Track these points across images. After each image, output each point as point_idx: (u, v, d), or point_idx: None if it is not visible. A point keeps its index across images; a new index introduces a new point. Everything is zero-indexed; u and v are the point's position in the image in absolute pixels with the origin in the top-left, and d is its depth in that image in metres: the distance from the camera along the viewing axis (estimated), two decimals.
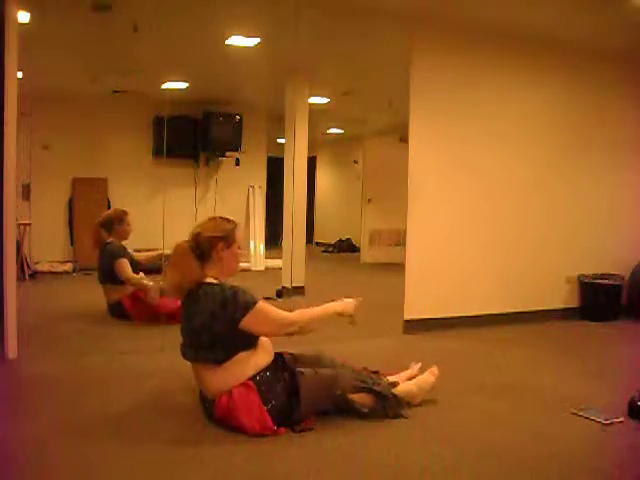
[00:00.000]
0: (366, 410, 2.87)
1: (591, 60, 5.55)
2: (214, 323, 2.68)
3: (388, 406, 2.91)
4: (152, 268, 5.34)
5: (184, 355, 2.86)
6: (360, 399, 2.87)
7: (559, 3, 4.44)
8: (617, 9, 4.47)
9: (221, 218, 2.94)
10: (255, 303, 2.71)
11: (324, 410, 2.85)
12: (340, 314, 2.92)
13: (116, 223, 5.19)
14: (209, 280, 2.80)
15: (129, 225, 5.27)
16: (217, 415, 2.75)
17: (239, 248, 2.92)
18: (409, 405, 3.03)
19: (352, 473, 2.40)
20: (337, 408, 2.86)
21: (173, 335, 4.50)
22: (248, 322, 2.69)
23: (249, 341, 2.78)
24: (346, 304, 2.93)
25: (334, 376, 2.88)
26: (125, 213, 5.28)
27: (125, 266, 4.98)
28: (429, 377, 3.16)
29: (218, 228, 2.86)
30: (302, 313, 2.87)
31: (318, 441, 2.67)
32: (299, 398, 2.73)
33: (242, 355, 2.74)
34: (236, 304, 2.68)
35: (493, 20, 4.83)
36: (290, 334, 2.84)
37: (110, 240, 5.15)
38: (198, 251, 2.81)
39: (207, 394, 2.80)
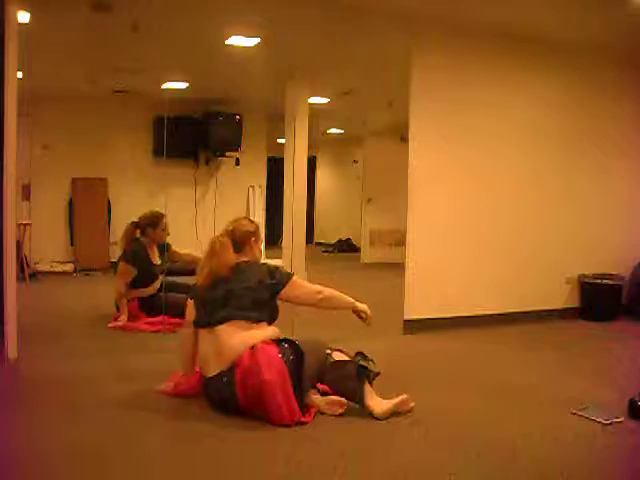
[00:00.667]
0: (345, 366, 2.97)
1: (591, 60, 5.55)
2: (259, 289, 3.08)
3: (362, 359, 3.02)
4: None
5: (208, 322, 3.01)
6: (339, 357, 3.03)
7: (559, 3, 4.44)
8: (617, 9, 4.47)
9: (246, 218, 3.46)
10: (292, 275, 3.20)
11: (316, 381, 3.02)
12: (356, 309, 3.21)
13: (149, 227, 5.04)
14: (243, 259, 3.20)
15: (164, 230, 5.06)
16: (238, 375, 2.84)
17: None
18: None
19: (351, 471, 2.40)
20: (323, 373, 2.98)
21: (173, 335, 4.52)
22: (287, 292, 3.14)
23: (275, 314, 3.19)
24: (365, 307, 3.23)
25: (317, 339, 3.15)
26: (160, 217, 5.11)
27: (121, 272, 4.84)
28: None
29: (249, 225, 3.34)
30: (325, 288, 3.23)
31: (316, 440, 2.67)
32: (303, 366, 2.89)
33: (266, 325, 3.09)
34: (279, 276, 3.15)
35: (493, 20, 4.83)
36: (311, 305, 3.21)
37: (141, 238, 5.06)
38: (235, 243, 3.21)
39: (227, 357, 2.90)
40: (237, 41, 5.43)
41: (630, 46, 5.43)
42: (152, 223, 5.06)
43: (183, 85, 7.43)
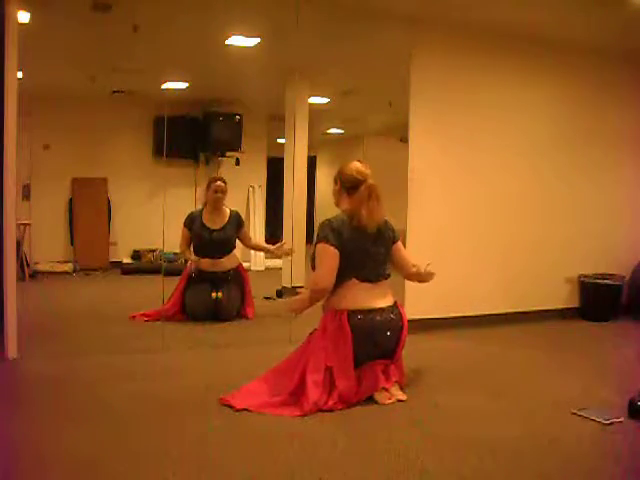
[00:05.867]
0: None
1: (591, 60, 5.55)
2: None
3: None
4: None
5: (380, 276, 3.30)
6: None
7: (560, 3, 4.44)
8: (617, 9, 4.47)
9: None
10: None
11: None
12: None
13: (206, 189, 5.53)
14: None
15: (216, 192, 5.39)
16: (404, 317, 3.33)
17: None
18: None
19: (351, 470, 2.40)
20: None
21: (173, 335, 4.53)
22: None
23: None
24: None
25: None
26: (213, 180, 5.49)
27: (181, 235, 5.38)
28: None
29: None
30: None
31: (317, 438, 2.68)
32: None
33: None
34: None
35: (493, 20, 4.83)
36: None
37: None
38: None
39: (385, 305, 3.26)
40: (237, 41, 5.44)
41: (630, 46, 5.43)
42: (208, 185, 5.56)
43: (183, 85, 7.43)
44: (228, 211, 5.50)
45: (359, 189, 3.24)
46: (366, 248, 3.23)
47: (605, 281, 5.59)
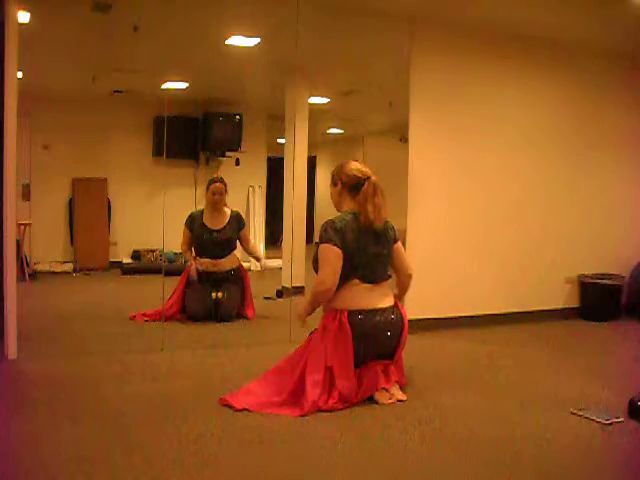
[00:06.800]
0: None
1: (592, 60, 5.55)
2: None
3: None
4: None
5: (381, 277, 3.32)
6: None
7: (560, 3, 4.44)
8: (618, 9, 4.47)
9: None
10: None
11: None
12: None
13: (206, 190, 5.52)
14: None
15: (214, 194, 5.40)
16: (404, 317, 3.35)
17: None
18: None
19: (352, 469, 2.40)
20: None
21: (173, 335, 4.53)
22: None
23: None
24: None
25: None
26: (212, 181, 5.49)
27: (182, 236, 5.37)
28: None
29: None
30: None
31: (317, 437, 2.67)
32: None
33: None
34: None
35: (494, 20, 4.83)
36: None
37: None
38: None
39: (386, 305, 3.27)
40: (237, 41, 5.45)
41: (630, 46, 5.43)
42: (207, 186, 5.58)
43: (183, 85, 7.42)
44: (229, 212, 5.48)
45: (362, 187, 3.23)
46: (369, 249, 3.22)
47: (605, 281, 5.59)
